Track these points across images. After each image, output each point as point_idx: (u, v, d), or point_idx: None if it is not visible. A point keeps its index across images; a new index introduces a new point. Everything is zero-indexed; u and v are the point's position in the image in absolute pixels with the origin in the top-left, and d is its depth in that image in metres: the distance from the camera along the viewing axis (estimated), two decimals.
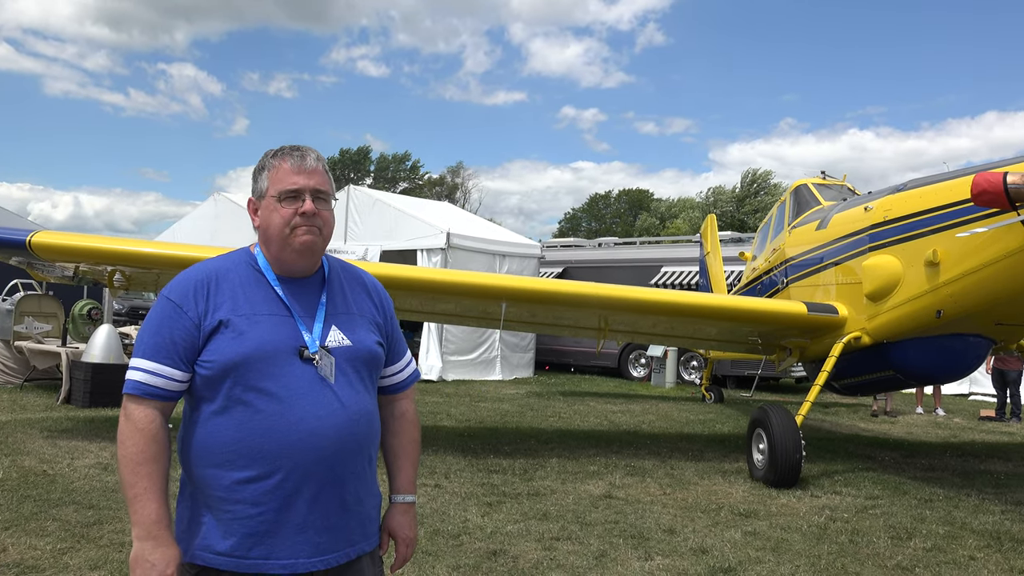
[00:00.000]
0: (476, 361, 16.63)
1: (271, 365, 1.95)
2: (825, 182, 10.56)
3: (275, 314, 2.02)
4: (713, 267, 14.97)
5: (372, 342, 2.14)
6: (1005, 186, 5.81)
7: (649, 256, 19.80)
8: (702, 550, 5.24)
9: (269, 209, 2.06)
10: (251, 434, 1.93)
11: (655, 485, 7.19)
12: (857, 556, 5.25)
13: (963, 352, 7.60)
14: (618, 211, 67.75)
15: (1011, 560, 5.25)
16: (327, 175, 2.11)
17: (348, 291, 2.18)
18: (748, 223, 51.12)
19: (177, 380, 1.97)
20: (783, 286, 9.83)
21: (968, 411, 14.39)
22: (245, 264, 2.10)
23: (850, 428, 11.91)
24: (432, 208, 19.90)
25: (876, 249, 7.71)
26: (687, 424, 11.46)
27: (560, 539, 5.38)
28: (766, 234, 11.47)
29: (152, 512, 1.90)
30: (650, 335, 11.54)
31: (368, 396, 2.11)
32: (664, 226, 58.89)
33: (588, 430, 10.49)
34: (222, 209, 20.24)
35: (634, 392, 16.05)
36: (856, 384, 8.74)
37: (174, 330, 1.97)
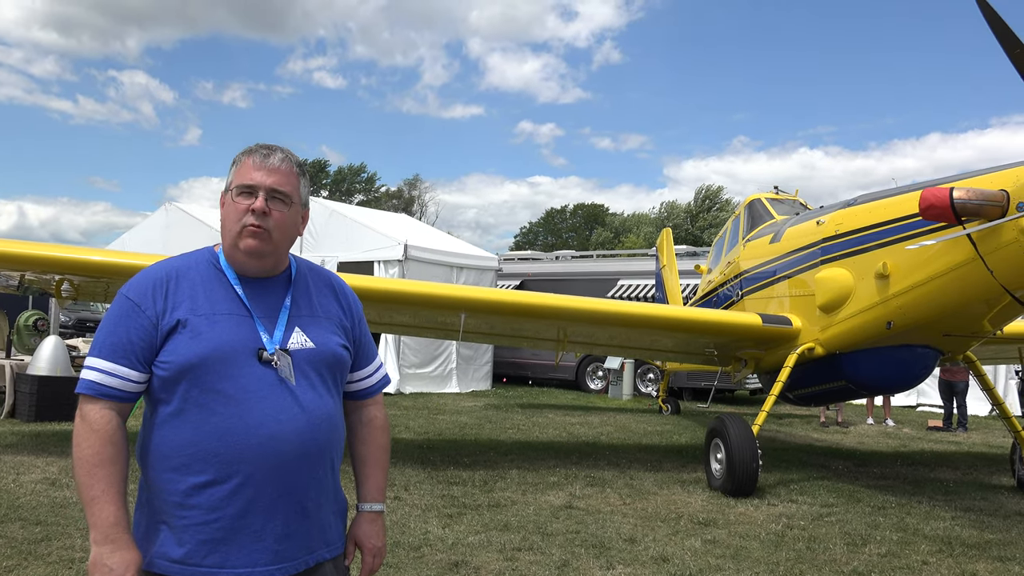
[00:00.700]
0: (433, 374, 16.55)
1: (229, 366, 1.90)
2: (778, 197, 10.77)
3: (234, 314, 1.97)
4: (669, 280, 15.13)
5: (336, 344, 2.09)
6: (951, 201, 5.98)
7: (606, 269, 19.96)
8: (663, 558, 5.27)
9: (227, 204, 2.03)
10: (207, 437, 1.87)
11: (615, 495, 7.22)
12: (814, 562, 5.33)
13: (912, 363, 7.77)
14: (574, 225, 68.24)
15: (962, 564, 5.37)
16: (294, 176, 2.05)
17: (314, 293, 2.14)
18: (702, 238, 51.91)
19: (134, 381, 1.92)
20: (738, 298, 9.98)
21: (916, 422, 14.73)
22: (207, 263, 2.05)
23: (804, 438, 12.10)
24: (389, 220, 19.81)
25: (828, 262, 7.88)
26: (645, 435, 11.53)
27: (522, 549, 5.36)
28: (721, 247, 11.65)
29: (110, 515, 1.84)
30: (608, 347, 11.61)
31: (332, 400, 2.06)
32: (619, 240, 59.48)
33: (547, 442, 10.50)
34: (174, 219, 19.90)
35: (592, 404, 16.11)
36: (810, 394, 8.90)
37: (131, 329, 1.92)
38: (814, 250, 8.14)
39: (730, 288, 10.39)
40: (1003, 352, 10.28)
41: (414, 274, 15.40)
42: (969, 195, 5.91)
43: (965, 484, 8.43)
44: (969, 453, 11.01)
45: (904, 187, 7.33)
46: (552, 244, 62.93)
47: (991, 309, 6.71)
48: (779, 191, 10.89)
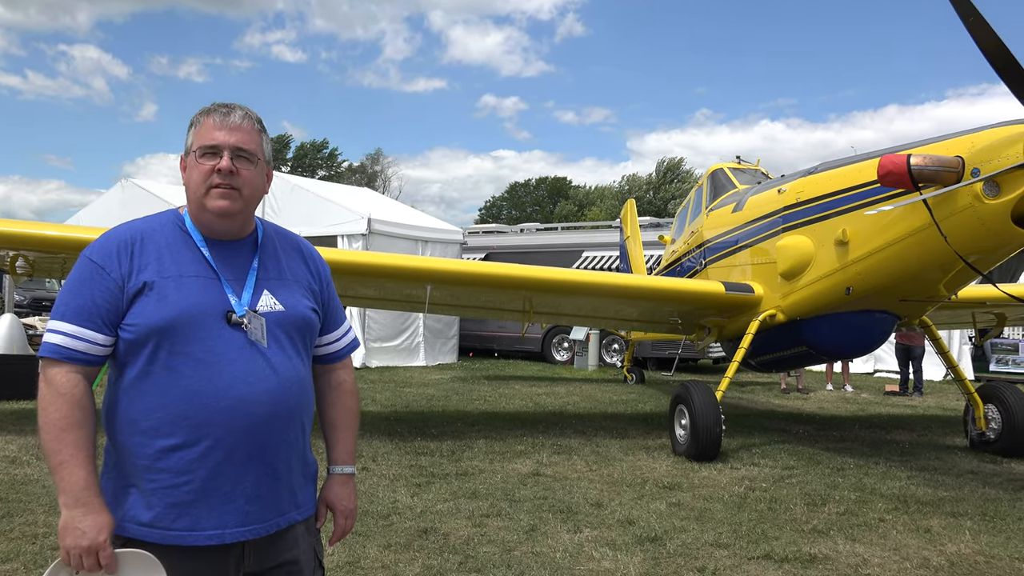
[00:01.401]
0: (399, 347, 16.52)
1: (197, 329, 1.89)
2: (740, 166, 10.86)
3: (202, 276, 1.95)
4: (633, 251, 15.23)
5: (305, 307, 2.08)
6: (909, 167, 6.08)
7: (570, 241, 20.01)
8: (629, 521, 5.36)
9: (190, 166, 1.99)
10: (176, 400, 1.86)
11: (581, 462, 7.31)
12: (776, 522, 5.46)
13: (870, 327, 7.93)
14: (538, 199, 68.19)
15: (917, 521, 5.54)
16: (256, 134, 2.02)
17: (282, 256, 2.12)
18: (665, 209, 52.26)
19: (100, 344, 1.89)
20: (701, 267, 10.08)
21: (874, 387, 15.07)
22: (172, 225, 2.02)
23: (765, 404, 12.33)
24: (352, 194, 19.61)
25: (789, 230, 7.99)
26: (610, 404, 11.66)
27: (490, 516, 5.41)
28: (684, 218, 11.74)
29: (80, 479, 1.82)
30: (574, 316, 11.67)
31: (301, 363, 2.05)
32: (583, 213, 59.63)
33: (514, 412, 10.57)
34: (130, 196, 19.48)
35: (558, 375, 16.22)
36: (771, 360, 9.05)
37: (96, 292, 1.89)
38: (775, 218, 8.24)
39: (694, 257, 10.49)
40: (957, 317, 10.53)
41: (378, 248, 15.29)
42: (926, 161, 6.02)
43: (920, 445, 8.67)
44: (924, 416, 11.31)
45: (863, 155, 7.43)
46: (516, 218, 62.82)
47: (946, 274, 6.86)
48: (741, 161, 10.99)
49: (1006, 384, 8.68)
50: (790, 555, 4.71)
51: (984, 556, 4.79)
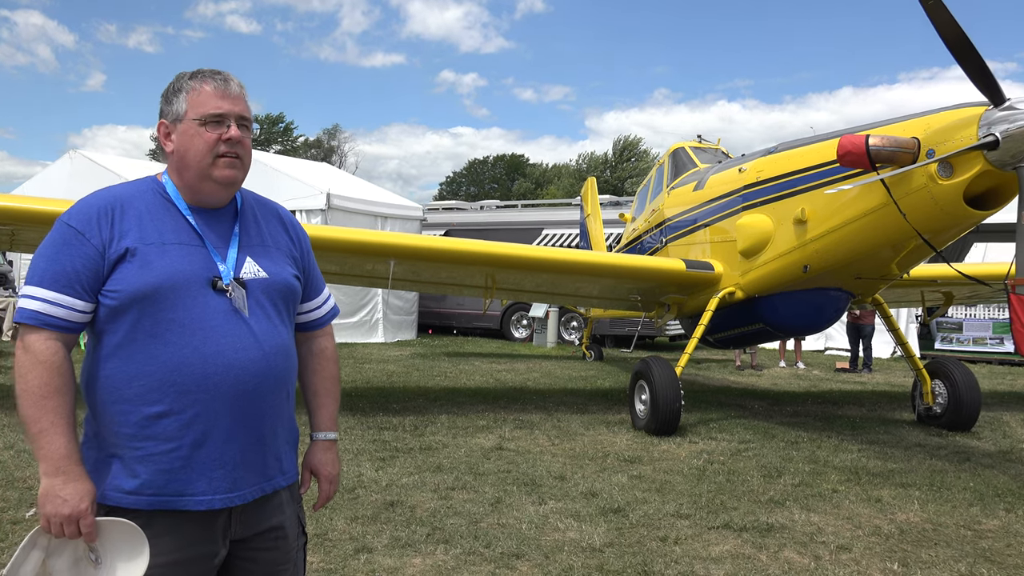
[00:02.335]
0: (358, 324, 16.43)
1: (182, 296, 1.87)
2: (701, 145, 10.96)
3: (185, 243, 1.93)
4: (593, 229, 15.32)
5: (289, 274, 2.08)
6: (867, 148, 6.21)
7: (530, 219, 20.04)
8: (592, 493, 5.45)
9: (188, 134, 1.95)
10: (163, 368, 1.85)
11: (544, 437, 7.39)
12: (734, 493, 5.59)
13: (826, 305, 8.11)
14: (496, 176, 68.01)
15: (868, 491, 5.73)
16: (247, 102, 2.03)
17: (263, 223, 2.11)
18: (622, 188, 52.56)
19: (80, 311, 1.86)
20: (662, 245, 10.19)
21: (825, 364, 15.44)
22: (152, 192, 1.99)
23: (721, 381, 12.56)
24: (310, 169, 19.35)
25: (749, 208, 8.11)
26: (570, 380, 11.77)
27: (455, 489, 5.46)
28: (645, 196, 11.83)
29: (61, 446, 1.80)
30: (535, 293, 11.72)
31: (285, 330, 2.05)
32: (540, 191, 59.68)
33: (475, 388, 10.61)
34: (79, 168, 18.93)
35: (517, 352, 16.30)
36: (729, 337, 9.22)
37: (75, 258, 1.85)
38: (735, 197, 8.36)
39: (654, 235, 10.60)
40: (907, 295, 10.81)
41: (337, 223, 15.12)
42: (883, 142, 6.15)
43: (870, 420, 8.92)
44: (874, 392, 11.64)
45: (822, 135, 7.57)
46: (475, 195, 62.63)
47: (899, 253, 7.03)
48: (702, 140, 11.09)
49: (953, 360, 8.97)
50: (748, 524, 4.84)
51: (932, 524, 4.98)
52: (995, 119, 5.62)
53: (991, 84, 5.65)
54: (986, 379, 12.81)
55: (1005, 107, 5.60)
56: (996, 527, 4.94)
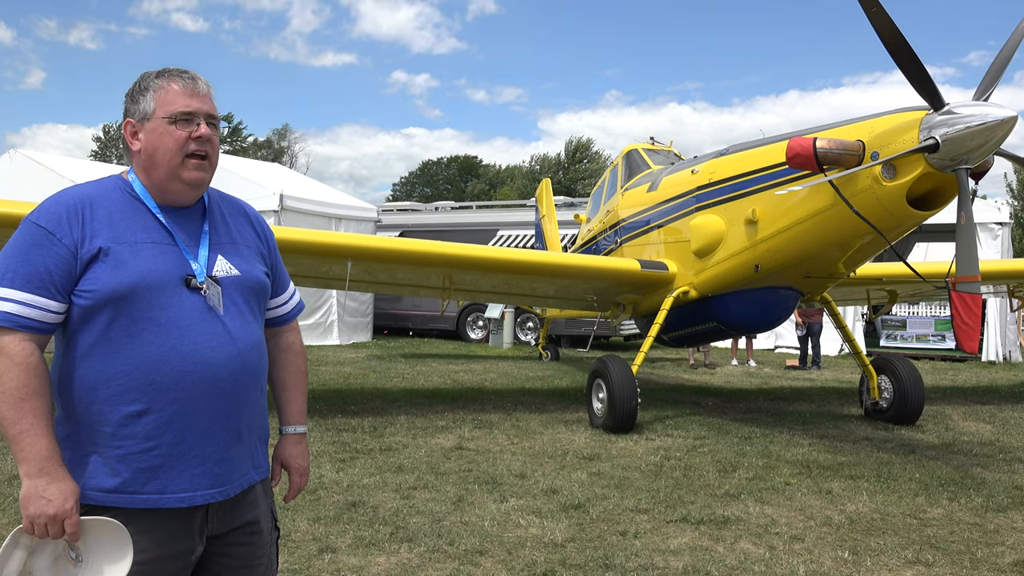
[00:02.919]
0: (314, 325, 16.29)
1: (157, 295, 1.88)
2: (654, 147, 11.13)
3: (158, 242, 1.94)
4: (548, 230, 15.43)
5: (260, 272, 2.10)
6: (815, 150, 6.40)
7: (486, 220, 20.09)
8: (553, 490, 5.52)
9: (157, 133, 1.95)
10: (140, 367, 1.85)
11: (503, 436, 7.45)
12: (690, 488, 5.72)
13: (776, 303, 8.32)
14: (449, 177, 67.93)
15: (819, 483, 5.91)
16: (215, 103, 2.05)
17: (231, 221, 2.13)
18: (575, 189, 52.92)
19: (53, 312, 1.86)
20: (617, 246, 10.33)
21: (776, 362, 15.79)
22: (120, 191, 1.99)
23: (676, 379, 12.77)
24: (263, 169, 19.15)
25: (702, 209, 8.27)
26: (527, 380, 11.86)
27: (417, 488, 5.49)
28: (600, 197, 11.97)
29: (43, 447, 1.80)
30: (492, 294, 11.78)
31: (258, 326, 2.09)
32: (494, 192, 59.80)
33: (433, 389, 10.63)
34: (19, 168, 18.40)
35: (473, 353, 16.34)
36: (683, 336, 9.38)
37: (47, 258, 1.84)
38: (689, 198, 8.52)
39: (609, 236, 10.73)
40: (853, 294, 11.12)
41: (291, 224, 14.99)
42: (830, 145, 6.34)
43: (819, 415, 9.17)
44: (823, 388, 11.94)
45: (772, 138, 7.76)
46: (429, 196, 62.48)
47: (845, 252, 7.25)
48: (655, 142, 11.26)
49: (898, 356, 9.25)
50: (705, 517, 4.96)
51: (880, 513, 5.16)
52: (935, 123, 5.84)
53: (931, 89, 5.87)
54: (929, 375, 13.24)
55: (944, 112, 5.83)
56: (940, 515, 5.14)
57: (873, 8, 5.75)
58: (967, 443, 7.55)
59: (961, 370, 14.64)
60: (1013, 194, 43.52)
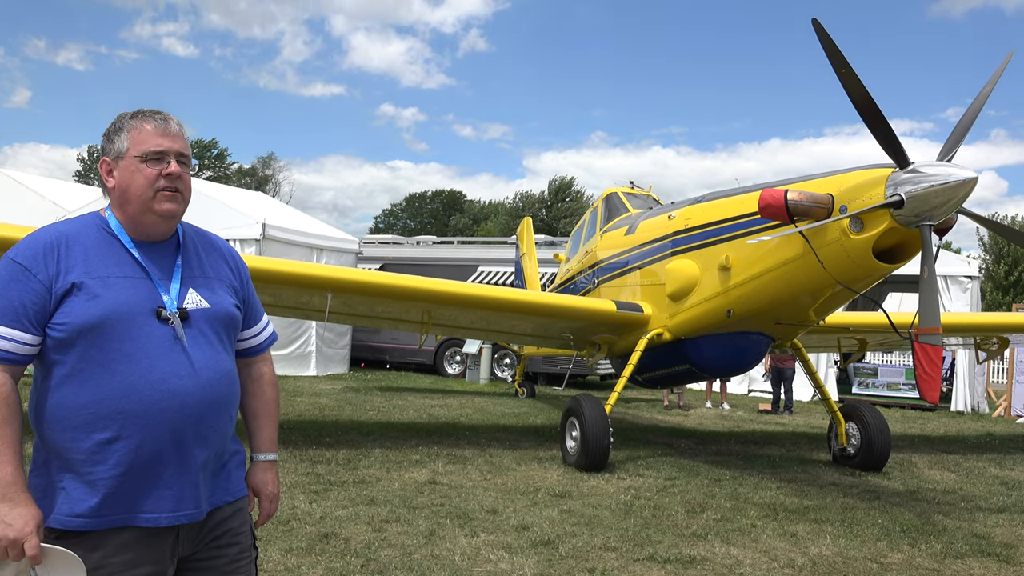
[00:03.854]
0: (291, 356, 16.29)
1: (128, 327, 1.98)
2: (633, 191, 11.39)
3: (130, 276, 2.04)
4: (528, 268, 15.60)
5: (230, 304, 2.20)
6: (786, 202, 6.62)
7: (466, 256, 20.25)
8: (523, 527, 5.60)
9: (130, 170, 2.07)
10: (109, 396, 1.94)
11: (476, 471, 7.51)
12: (659, 527, 5.82)
13: (747, 348, 8.49)
14: (434, 211, 68.25)
15: (785, 526, 6.03)
16: (186, 140, 2.16)
17: (203, 255, 2.23)
18: (556, 227, 53.34)
19: (27, 344, 1.96)
20: (594, 286, 10.51)
21: (749, 405, 15.95)
22: (95, 227, 2.10)
23: (649, 420, 12.89)
24: (246, 197, 19.22)
25: (678, 254, 8.48)
26: (503, 417, 11.93)
27: (389, 521, 5.55)
28: (579, 237, 12.18)
29: (7, 474, 1.88)
30: (470, 330, 11.88)
31: (228, 357, 2.17)
32: (476, 227, 60.13)
33: (408, 422, 10.67)
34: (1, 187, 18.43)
35: (450, 388, 16.38)
36: (657, 377, 9.53)
37: (23, 293, 1.95)
38: (665, 242, 8.73)
39: (587, 276, 10.92)
40: (824, 341, 11.34)
41: (272, 254, 15.04)
42: (801, 197, 6.57)
43: (789, 459, 9.31)
44: (793, 433, 12.10)
45: (746, 187, 8.00)
46: (413, 229, 62.71)
47: (816, 300, 7.45)
48: (634, 186, 11.52)
49: (865, 404, 9.45)
50: (672, 557, 5.06)
51: (842, 557, 5.29)
52: (900, 180, 6.09)
53: (897, 148, 6.12)
54: (899, 423, 13.45)
55: (909, 170, 6.08)
56: (900, 560, 5.28)
57: (843, 69, 6.01)
58: (931, 491, 7.72)
59: (930, 419, 14.87)
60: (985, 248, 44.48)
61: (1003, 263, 43.05)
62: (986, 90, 6.44)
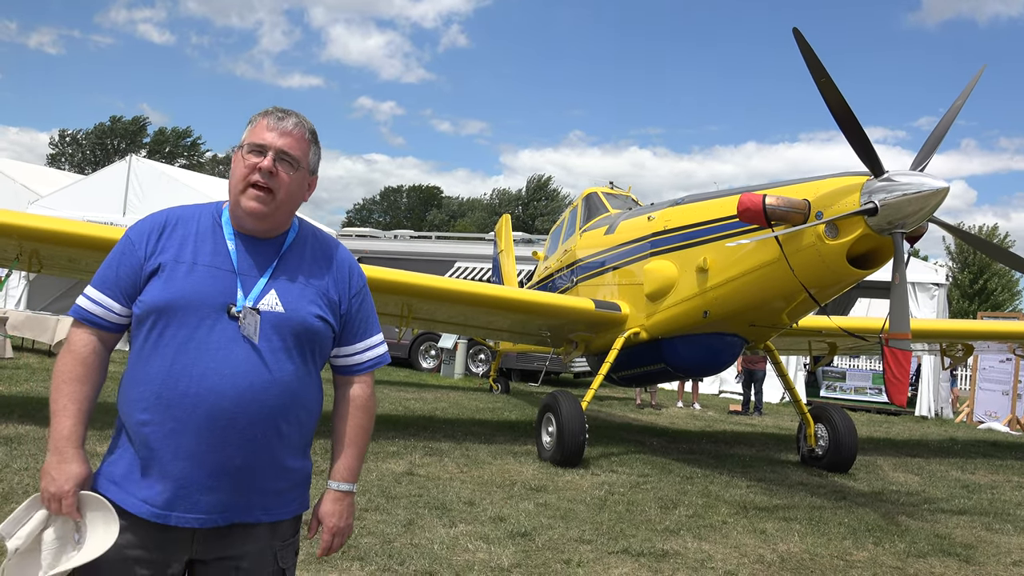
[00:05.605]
0: None
1: (191, 315, 1.97)
2: (613, 192, 11.52)
3: (215, 267, 2.03)
4: (506, 265, 15.69)
5: (308, 313, 2.08)
6: (764, 206, 6.77)
7: (444, 251, 20.30)
8: (500, 518, 5.69)
9: (236, 160, 2.10)
10: (154, 379, 1.96)
11: (453, 464, 7.60)
12: (633, 522, 5.94)
13: (722, 349, 8.65)
14: (410, 205, 68.10)
15: (755, 524, 6.18)
16: (305, 142, 2.11)
17: (308, 260, 2.15)
18: (533, 225, 53.52)
19: (115, 312, 2.04)
20: (572, 284, 10.63)
21: (719, 406, 16.19)
22: (210, 214, 2.13)
23: (623, 418, 13.04)
24: (220, 186, 19.09)
25: (656, 255, 8.61)
26: (478, 411, 12.01)
27: (368, 510, 5.61)
28: (558, 236, 12.29)
29: (65, 428, 1.96)
30: (448, 324, 11.94)
31: (291, 366, 2.04)
32: (453, 223, 60.13)
33: (384, 415, 10.70)
34: None
35: (424, 382, 16.43)
36: (632, 375, 9.67)
37: (121, 265, 2.05)
38: (644, 243, 8.86)
39: (565, 275, 11.03)
40: (796, 344, 11.55)
41: None
42: (778, 202, 6.72)
43: (758, 459, 9.50)
44: (763, 433, 12.32)
45: (724, 191, 8.15)
46: (388, 223, 62.51)
47: (789, 304, 7.61)
48: (614, 186, 11.65)
49: (834, 406, 9.66)
50: (645, 550, 5.18)
51: (809, 554, 5.44)
52: (875, 188, 6.26)
53: (872, 157, 6.29)
54: (865, 426, 13.73)
55: (884, 179, 6.25)
56: (865, 558, 5.44)
57: (823, 79, 6.16)
58: (895, 492, 7.92)
59: (895, 423, 15.19)
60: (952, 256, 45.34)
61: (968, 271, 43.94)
62: (959, 102, 6.63)
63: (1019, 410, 15.88)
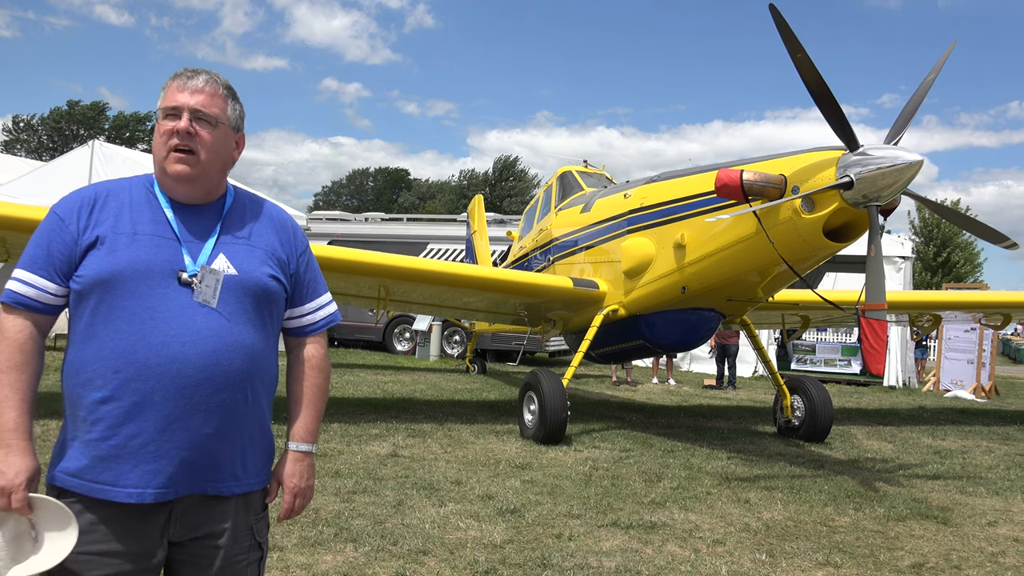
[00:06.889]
0: None
1: (141, 285, 1.91)
2: (587, 170, 11.53)
3: (157, 236, 1.97)
4: (479, 246, 15.68)
5: (263, 274, 2.04)
6: (742, 182, 6.83)
7: (416, 233, 20.22)
8: (488, 496, 5.73)
9: (156, 128, 2.04)
10: (110, 354, 1.88)
11: (436, 445, 7.62)
12: (619, 495, 6.02)
13: (699, 324, 8.75)
14: (377, 188, 67.62)
15: (738, 493, 6.29)
16: (220, 97, 2.06)
17: (249, 222, 2.11)
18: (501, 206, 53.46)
19: (51, 293, 1.94)
20: (549, 263, 10.65)
21: (694, 381, 16.38)
22: (141, 186, 2.06)
23: (600, 395, 13.15)
24: None
25: (633, 232, 8.65)
26: (456, 392, 12.04)
27: (356, 492, 5.62)
28: (533, 216, 12.28)
29: (9, 420, 1.85)
30: (425, 305, 11.93)
31: (252, 329, 2.00)
32: (422, 205, 59.87)
33: (363, 398, 10.70)
34: None
35: (400, 364, 16.42)
36: (611, 352, 9.74)
37: (52, 243, 1.94)
38: (620, 221, 8.89)
39: (541, 254, 11.04)
40: (769, 318, 11.72)
41: None
42: (756, 177, 6.77)
43: (737, 432, 9.65)
44: (739, 407, 12.50)
45: (701, 167, 8.20)
46: (355, 206, 62.05)
47: (765, 278, 7.71)
48: (588, 164, 11.66)
49: (810, 378, 9.82)
50: (634, 523, 5.25)
51: (793, 521, 5.56)
52: (850, 162, 6.34)
53: (848, 131, 6.36)
54: (836, 397, 13.93)
55: (859, 153, 6.33)
56: (847, 523, 5.57)
57: (799, 54, 6.21)
58: (870, 460, 8.10)
59: (865, 394, 15.49)
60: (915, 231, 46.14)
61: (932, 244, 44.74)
62: (930, 77, 6.72)
63: (983, 378, 16.28)
